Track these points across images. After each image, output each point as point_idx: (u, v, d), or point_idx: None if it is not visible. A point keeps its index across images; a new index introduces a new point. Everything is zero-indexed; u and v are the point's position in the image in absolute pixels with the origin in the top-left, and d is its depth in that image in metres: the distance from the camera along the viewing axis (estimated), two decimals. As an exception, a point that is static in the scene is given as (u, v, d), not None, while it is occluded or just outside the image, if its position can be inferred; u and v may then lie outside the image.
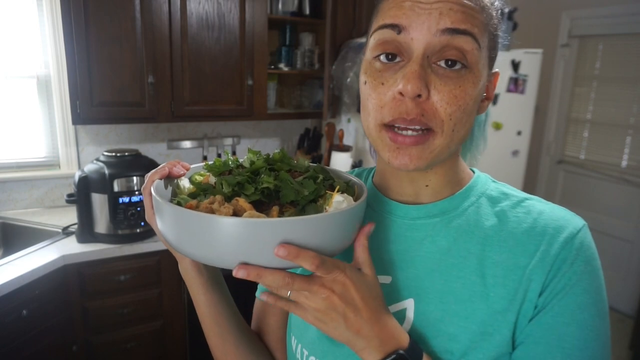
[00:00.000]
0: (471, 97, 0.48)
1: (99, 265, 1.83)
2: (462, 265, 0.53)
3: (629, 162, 3.07)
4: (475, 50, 0.48)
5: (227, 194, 0.49)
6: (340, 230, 0.46)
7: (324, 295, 0.44)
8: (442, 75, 0.47)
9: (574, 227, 0.51)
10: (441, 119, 0.47)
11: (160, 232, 0.51)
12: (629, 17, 2.94)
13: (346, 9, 2.41)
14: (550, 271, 0.49)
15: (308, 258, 0.42)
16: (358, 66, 2.23)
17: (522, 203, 0.55)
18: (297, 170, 0.55)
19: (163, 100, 2.10)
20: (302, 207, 0.48)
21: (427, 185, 0.57)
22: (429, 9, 0.46)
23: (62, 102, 2.21)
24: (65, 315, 1.78)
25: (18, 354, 1.58)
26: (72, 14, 1.84)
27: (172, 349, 2.08)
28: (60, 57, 2.15)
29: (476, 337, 0.50)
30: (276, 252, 0.41)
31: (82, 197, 1.81)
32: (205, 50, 2.14)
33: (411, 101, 0.47)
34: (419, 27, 0.46)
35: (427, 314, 0.53)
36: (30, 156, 2.24)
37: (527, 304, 0.49)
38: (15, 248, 1.91)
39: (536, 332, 0.49)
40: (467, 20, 0.47)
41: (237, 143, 2.62)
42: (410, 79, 0.46)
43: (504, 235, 0.53)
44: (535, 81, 2.67)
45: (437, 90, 0.47)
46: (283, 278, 0.43)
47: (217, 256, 0.44)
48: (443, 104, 0.47)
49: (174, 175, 0.55)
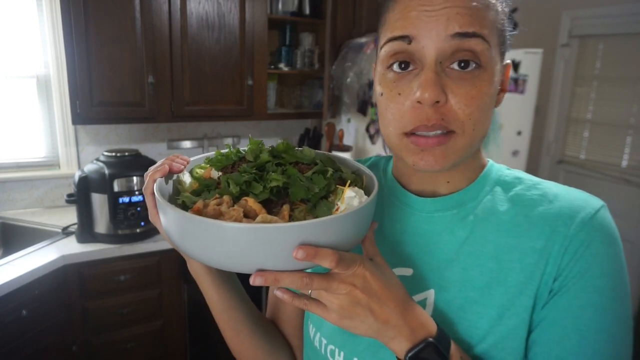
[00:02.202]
0: (488, 96, 0.49)
1: (99, 265, 1.83)
2: (479, 253, 0.53)
3: (629, 162, 3.06)
4: (486, 50, 0.48)
5: (235, 194, 0.47)
6: (355, 228, 0.46)
7: (346, 291, 0.44)
8: (456, 78, 0.48)
9: (591, 208, 0.50)
10: (461, 121, 0.48)
11: (166, 233, 0.50)
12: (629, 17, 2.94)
13: (346, 9, 2.41)
14: (565, 253, 0.49)
15: (327, 256, 0.42)
16: (358, 66, 2.23)
17: (537, 186, 0.55)
18: (304, 162, 0.53)
19: (163, 100, 2.10)
20: (313, 205, 0.47)
21: (449, 182, 0.58)
22: (435, 16, 0.46)
23: (62, 102, 2.21)
24: (65, 315, 1.77)
25: (18, 354, 1.58)
26: (72, 14, 1.84)
27: (172, 349, 2.07)
28: (60, 57, 2.15)
29: (495, 322, 0.51)
30: (295, 255, 0.41)
31: (82, 197, 1.81)
32: (205, 50, 2.14)
33: (430, 108, 0.47)
34: (428, 35, 0.47)
35: (447, 303, 0.54)
36: (30, 156, 2.24)
37: (543, 287, 0.50)
38: (15, 248, 1.91)
39: (552, 314, 0.49)
40: (474, 22, 0.47)
41: (237, 143, 2.62)
42: (427, 87, 0.46)
43: (519, 219, 0.53)
44: (535, 81, 2.66)
45: (454, 94, 0.47)
46: (301, 279, 0.43)
47: (229, 262, 0.43)
48: (461, 105, 0.47)
49: (175, 171, 0.54)
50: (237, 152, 0.56)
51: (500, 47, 0.51)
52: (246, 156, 0.55)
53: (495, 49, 0.50)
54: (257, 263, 0.42)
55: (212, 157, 0.57)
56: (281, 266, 0.43)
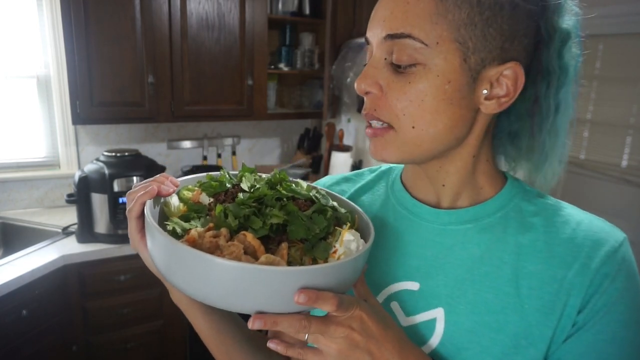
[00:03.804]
0: (425, 93, 0.47)
1: (98, 265, 1.83)
2: (496, 275, 0.51)
3: (629, 162, 3.06)
4: (422, 48, 0.46)
5: (233, 228, 0.45)
6: (354, 272, 0.46)
7: (344, 334, 0.43)
8: (395, 73, 0.49)
9: (615, 241, 0.49)
10: (395, 114, 0.49)
11: (153, 263, 0.48)
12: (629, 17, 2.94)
13: (346, 9, 2.41)
14: (590, 286, 0.48)
15: (328, 299, 0.41)
16: (358, 66, 2.23)
17: (559, 212, 0.53)
18: (300, 197, 0.52)
19: (163, 100, 2.10)
20: (311, 245, 0.46)
21: (444, 185, 0.56)
22: (377, 19, 0.49)
23: (62, 102, 2.21)
24: (65, 315, 1.78)
25: (18, 354, 1.58)
26: (72, 14, 1.83)
27: (172, 349, 2.07)
28: (60, 57, 2.15)
29: (509, 350, 0.49)
30: (296, 300, 0.40)
31: (82, 197, 1.81)
32: (205, 50, 2.14)
33: (367, 97, 0.51)
34: (372, 36, 0.51)
35: (458, 325, 0.52)
36: (30, 156, 2.24)
37: (565, 319, 0.48)
38: (15, 248, 1.91)
39: (575, 349, 0.48)
40: (406, 23, 0.46)
41: (237, 143, 2.62)
42: (360, 78, 0.50)
43: (539, 245, 0.51)
44: (535, 81, 2.66)
45: (390, 88, 0.49)
46: (299, 322, 0.42)
47: (224, 300, 0.41)
48: (394, 100, 0.49)
49: (163, 194, 0.51)
50: (230, 180, 0.54)
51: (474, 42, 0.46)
52: (241, 185, 0.52)
53: (451, 45, 0.46)
54: (255, 304, 0.41)
55: (204, 181, 0.55)
56: (279, 308, 0.42)
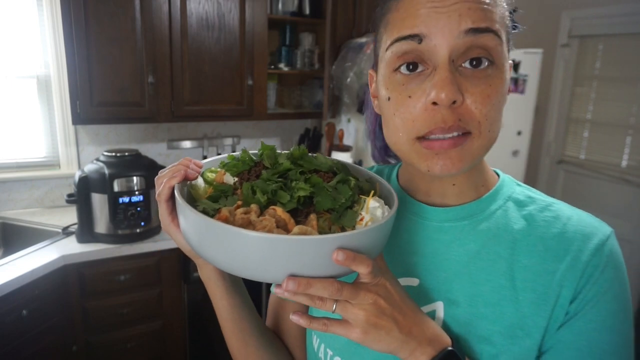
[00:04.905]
0: (501, 94, 0.48)
1: (99, 265, 1.83)
2: (491, 269, 0.53)
3: (629, 162, 3.06)
4: (499, 46, 0.47)
5: (263, 203, 0.46)
6: (384, 237, 0.47)
7: (372, 300, 0.44)
8: (470, 77, 0.46)
9: (603, 234, 0.51)
10: (478, 121, 0.46)
11: (187, 242, 0.48)
12: (629, 17, 2.94)
13: (346, 9, 2.41)
14: (581, 278, 0.49)
15: (364, 261, 0.42)
16: (358, 66, 2.23)
17: (550, 207, 0.55)
18: (322, 170, 0.52)
19: (163, 100, 2.10)
20: (338, 215, 0.47)
21: (454, 185, 0.56)
22: (447, 12, 0.45)
23: (62, 102, 2.21)
24: (65, 315, 1.78)
25: (18, 354, 1.58)
26: (72, 14, 1.84)
27: (172, 349, 2.08)
28: (60, 57, 2.15)
29: (505, 340, 0.51)
30: (335, 257, 0.40)
31: (82, 197, 1.81)
32: (205, 50, 2.14)
33: (446, 109, 0.45)
34: (440, 32, 0.45)
35: (456, 317, 0.53)
36: (30, 156, 2.24)
37: (558, 310, 0.50)
38: (15, 248, 1.91)
39: (567, 337, 0.49)
40: (486, 18, 0.45)
41: (237, 143, 2.62)
42: (443, 87, 0.44)
43: (532, 240, 0.53)
44: (535, 81, 2.67)
45: (470, 93, 0.46)
46: (332, 284, 0.42)
47: (261, 271, 0.42)
48: (477, 105, 0.46)
49: (190, 178, 0.52)
50: (251, 159, 0.54)
51: (507, 44, 0.50)
52: (263, 162, 0.53)
53: (506, 46, 0.49)
54: (290, 272, 0.42)
55: (226, 162, 0.56)
56: (312, 274, 0.42)
